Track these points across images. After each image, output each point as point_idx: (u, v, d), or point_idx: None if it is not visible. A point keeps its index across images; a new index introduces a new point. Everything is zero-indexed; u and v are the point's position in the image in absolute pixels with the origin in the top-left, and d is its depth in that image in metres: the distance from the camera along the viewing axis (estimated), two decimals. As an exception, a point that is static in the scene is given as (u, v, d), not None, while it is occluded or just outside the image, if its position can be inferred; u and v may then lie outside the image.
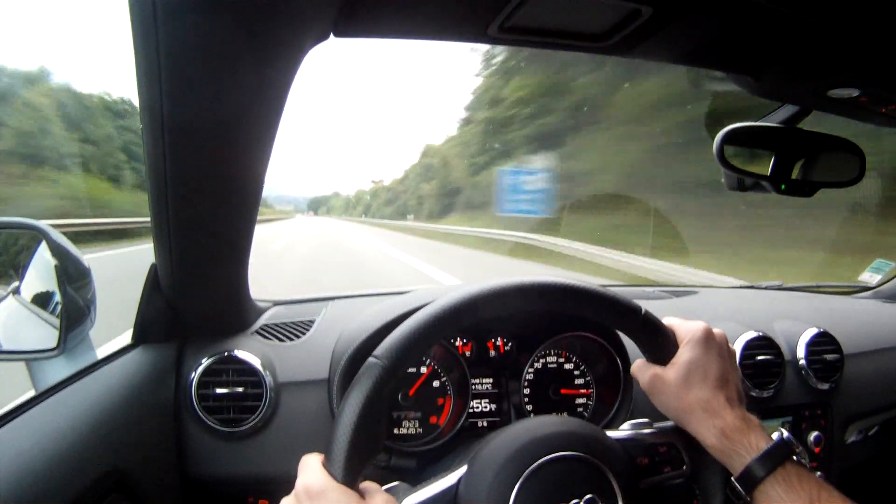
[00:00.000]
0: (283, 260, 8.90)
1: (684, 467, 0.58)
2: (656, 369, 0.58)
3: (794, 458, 0.51)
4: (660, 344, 0.58)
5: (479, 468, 0.52)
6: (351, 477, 0.45)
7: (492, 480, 0.50)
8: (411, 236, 18.89)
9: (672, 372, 0.56)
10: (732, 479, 0.52)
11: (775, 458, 0.50)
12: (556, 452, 0.51)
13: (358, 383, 0.49)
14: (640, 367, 0.60)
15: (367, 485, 0.47)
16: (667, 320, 0.60)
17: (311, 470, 0.46)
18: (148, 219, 0.63)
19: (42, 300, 0.73)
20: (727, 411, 0.53)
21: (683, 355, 0.56)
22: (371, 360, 0.50)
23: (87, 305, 0.73)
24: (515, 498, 0.49)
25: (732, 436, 0.52)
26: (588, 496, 0.50)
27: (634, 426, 0.61)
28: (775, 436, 0.53)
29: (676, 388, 0.55)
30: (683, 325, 0.59)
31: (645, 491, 0.56)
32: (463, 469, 0.53)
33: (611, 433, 0.58)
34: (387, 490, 0.48)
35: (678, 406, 0.56)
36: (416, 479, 0.54)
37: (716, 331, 0.59)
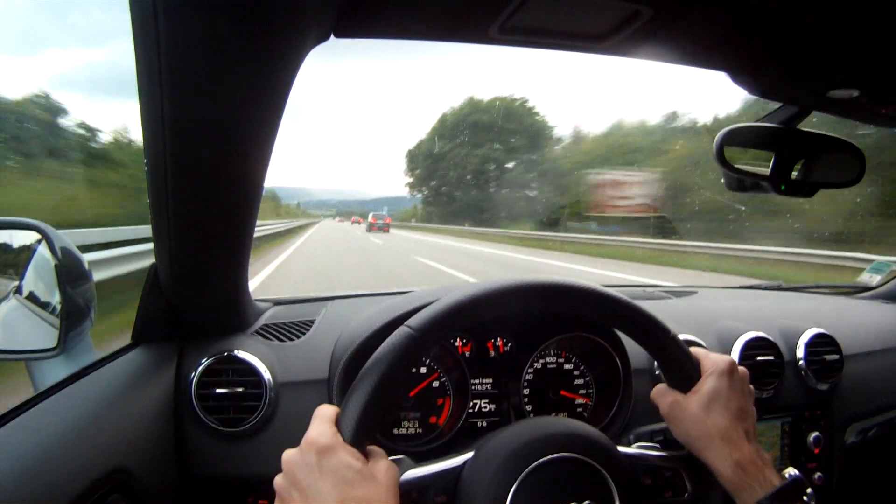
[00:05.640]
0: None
1: (686, 495, 0.58)
2: (677, 396, 0.58)
3: (805, 499, 0.52)
4: (684, 369, 0.58)
5: (485, 456, 0.53)
6: (360, 439, 0.46)
7: (495, 469, 0.51)
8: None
9: (694, 400, 0.56)
10: None
11: (787, 497, 0.51)
12: (563, 453, 0.52)
13: (386, 348, 0.48)
14: (661, 392, 0.60)
15: (372, 448, 0.48)
16: (692, 349, 0.61)
17: (322, 423, 0.46)
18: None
19: (42, 300, 0.73)
20: (745, 443, 0.54)
21: (707, 384, 0.57)
22: (404, 328, 0.50)
23: (87, 305, 0.73)
24: (516, 490, 0.49)
25: (749, 469, 0.52)
26: (586, 502, 0.50)
27: (644, 447, 0.61)
28: (787, 474, 0.54)
29: (697, 415, 0.56)
30: (710, 355, 0.60)
31: None
32: (469, 454, 0.53)
33: (620, 448, 0.58)
34: (392, 461, 0.49)
35: (696, 433, 0.56)
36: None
37: (739, 368, 0.59)
